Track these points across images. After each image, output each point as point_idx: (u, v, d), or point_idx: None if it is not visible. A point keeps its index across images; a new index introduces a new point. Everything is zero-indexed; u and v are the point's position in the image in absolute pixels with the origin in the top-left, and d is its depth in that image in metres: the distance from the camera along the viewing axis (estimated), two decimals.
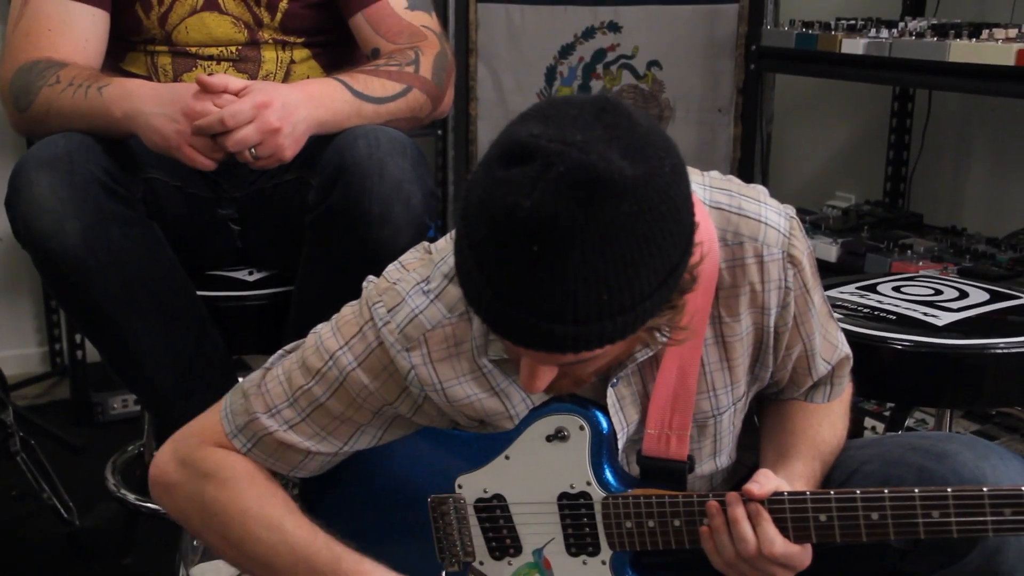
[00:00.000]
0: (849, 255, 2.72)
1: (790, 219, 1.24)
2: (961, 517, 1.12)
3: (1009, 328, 1.72)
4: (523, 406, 1.27)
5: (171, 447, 1.34)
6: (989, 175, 3.03)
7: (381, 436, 1.32)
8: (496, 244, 0.98)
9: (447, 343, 1.24)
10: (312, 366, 1.27)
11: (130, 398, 3.00)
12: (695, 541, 1.22)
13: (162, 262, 1.67)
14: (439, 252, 1.26)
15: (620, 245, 0.97)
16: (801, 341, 1.29)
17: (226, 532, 1.28)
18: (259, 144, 1.53)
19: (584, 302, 0.98)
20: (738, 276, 1.22)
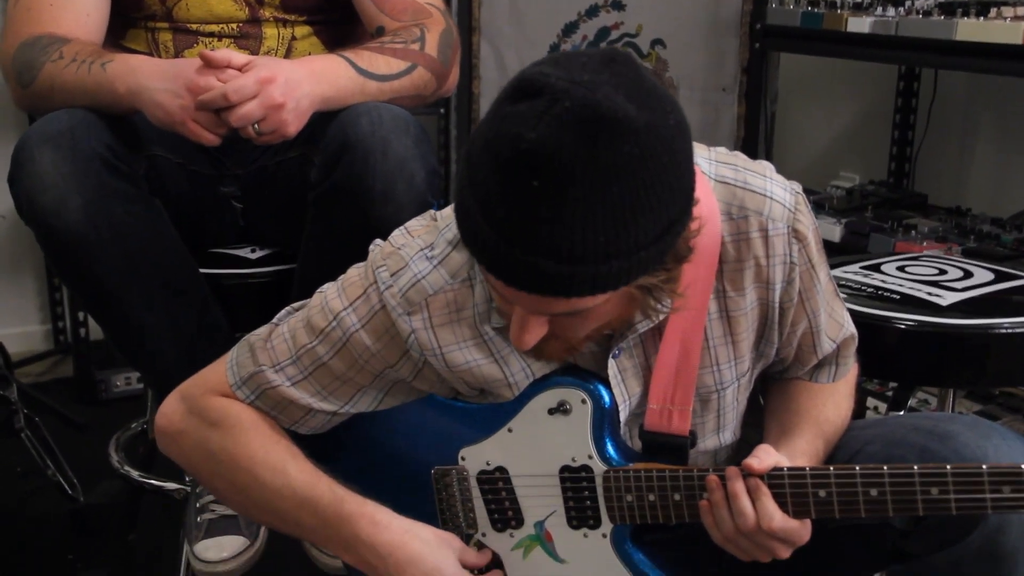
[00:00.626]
0: (853, 235, 2.71)
1: (796, 194, 1.24)
2: (960, 494, 1.12)
3: (1013, 308, 1.72)
4: (523, 375, 1.27)
5: (177, 397, 1.36)
6: (994, 155, 3.02)
7: (382, 399, 1.33)
8: (497, 179, 1.00)
9: (448, 308, 1.25)
10: (316, 325, 1.28)
11: (133, 376, 3.01)
12: (695, 515, 1.23)
13: (164, 239, 1.67)
14: (444, 219, 1.28)
15: (620, 188, 0.98)
16: (806, 318, 1.29)
17: (233, 478, 1.30)
18: (262, 120, 1.53)
19: (580, 241, 0.99)
20: (743, 250, 1.23)
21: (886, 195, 3.00)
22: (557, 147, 0.96)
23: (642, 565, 1.28)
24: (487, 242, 1.02)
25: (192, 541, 1.71)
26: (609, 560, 1.28)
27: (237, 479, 1.30)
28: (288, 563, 1.82)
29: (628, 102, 0.98)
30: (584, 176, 0.97)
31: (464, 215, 1.05)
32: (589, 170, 0.97)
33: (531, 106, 0.98)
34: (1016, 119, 2.94)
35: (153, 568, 2.21)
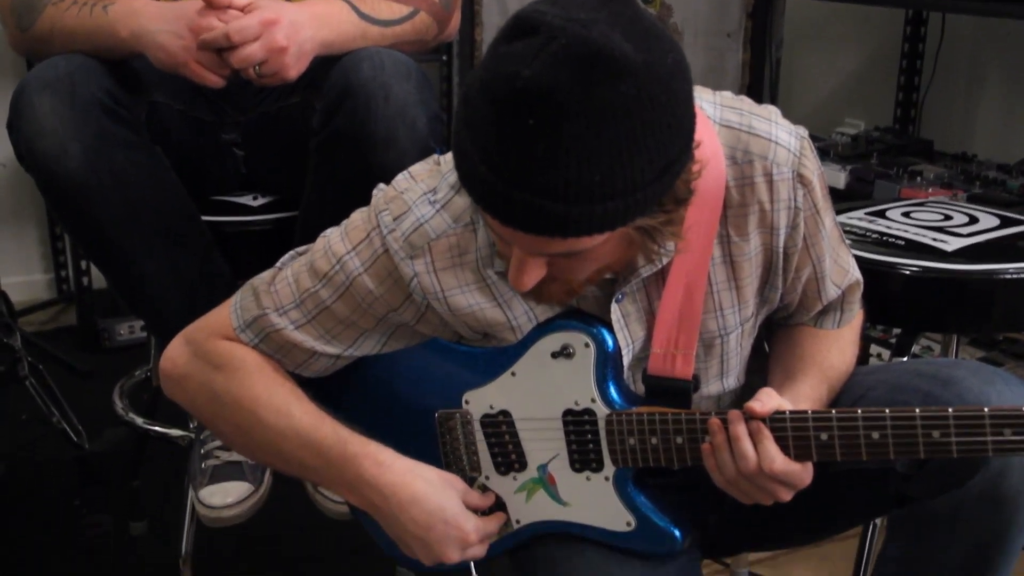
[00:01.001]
0: (858, 182, 2.70)
1: (801, 139, 1.23)
2: (961, 437, 1.12)
3: (1018, 253, 1.71)
4: (525, 318, 1.27)
5: (181, 340, 1.36)
6: (1001, 101, 3.01)
7: (385, 343, 1.33)
8: (493, 118, 0.99)
9: (451, 252, 1.25)
10: (320, 269, 1.28)
11: (137, 324, 3.02)
12: (697, 459, 1.23)
13: (166, 186, 1.66)
14: (447, 164, 1.27)
15: (616, 127, 0.98)
16: (811, 263, 1.29)
17: (237, 420, 1.31)
18: (264, 62, 1.52)
19: (576, 180, 0.98)
20: (747, 195, 1.22)
21: (892, 141, 2.98)
22: (552, 85, 0.96)
23: (644, 508, 1.28)
24: (483, 182, 1.02)
25: (197, 487, 1.72)
26: (611, 502, 1.29)
27: (241, 421, 1.31)
28: (292, 509, 1.84)
29: (625, 41, 0.97)
30: (580, 114, 0.96)
31: (461, 155, 1.05)
32: (585, 108, 0.96)
33: (527, 44, 0.98)
34: (1023, 65, 2.91)
35: (158, 514, 2.23)
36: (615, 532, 1.29)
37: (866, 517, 1.60)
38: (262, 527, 1.81)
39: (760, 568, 2.14)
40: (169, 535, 1.90)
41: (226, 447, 1.74)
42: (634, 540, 1.29)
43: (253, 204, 1.83)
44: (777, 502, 1.22)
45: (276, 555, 2.18)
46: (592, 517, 1.30)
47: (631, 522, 1.29)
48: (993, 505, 1.22)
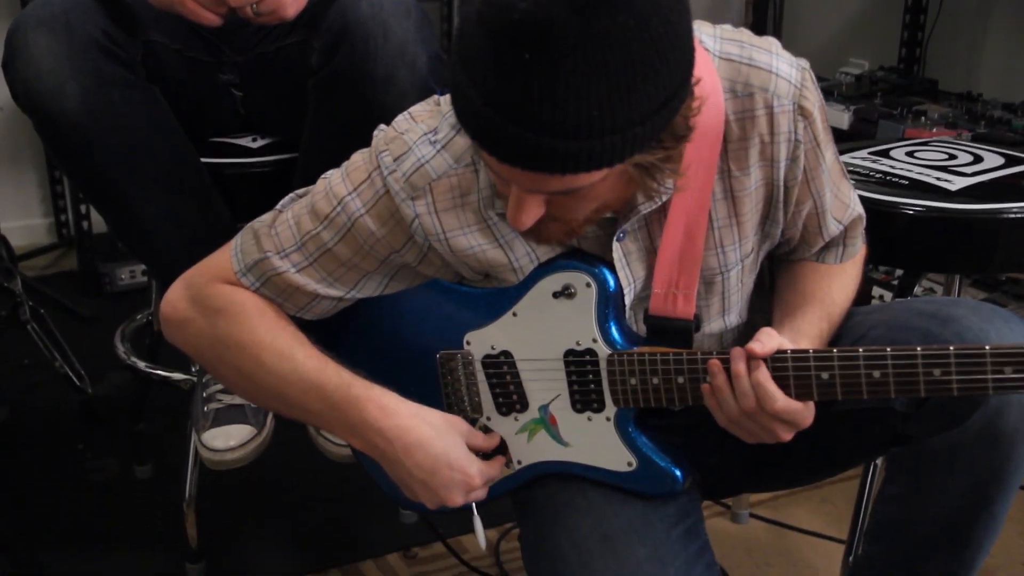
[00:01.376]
0: (862, 122, 2.69)
1: (802, 70, 1.22)
2: (962, 375, 1.12)
3: (1023, 193, 1.70)
4: (527, 259, 1.27)
5: (182, 285, 1.35)
6: (1007, 40, 2.98)
7: (387, 284, 1.32)
8: (488, 52, 0.98)
9: (452, 193, 1.24)
10: (321, 211, 1.27)
11: (138, 268, 3.02)
12: (698, 398, 1.23)
13: (164, 127, 1.65)
14: (447, 103, 1.25)
15: (614, 60, 0.96)
16: (811, 197, 1.28)
17: (239, 364, 1.30)
18: (260, 0, 1.51)
19: (574, 115, 0.97)
20: (747, 128, 1.21)
21: (896, 81, 2.97)
22: (548, 17, 0.94)
23: (645, 448, 1.29)
24: (480, 117, 1.01)
25: (199, 431, 1.72)
26: (613, 443, 1.29)
27: (243, 365, 1.30)
28: (295, 451, 1.85)
29: None
30: (576, 48, 0.95)
31: (457, 91, 1.03)
32: (582, 41, 0.95)
33: None
34: None
35: (162, 457, 2.24)
36: (616, 472, 1.30)
37: (866, 457, 1.61)
38: (265, 470, 1.82)
39: (761, 510, 2.15)
40: (174, 478, 1.91)
41: (228, 390, 1.74)
42: (635, 480, 1.29)
43: (252, 146, 1.82)
44: (778, 443, 1.22)
45: (279, 498, 2.19)
46: (593, 457, 1.31)
47: (632, 462, 1.29)
48: (991, 443, 1.22)
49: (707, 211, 1.23)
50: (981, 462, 1.24)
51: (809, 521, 2.12)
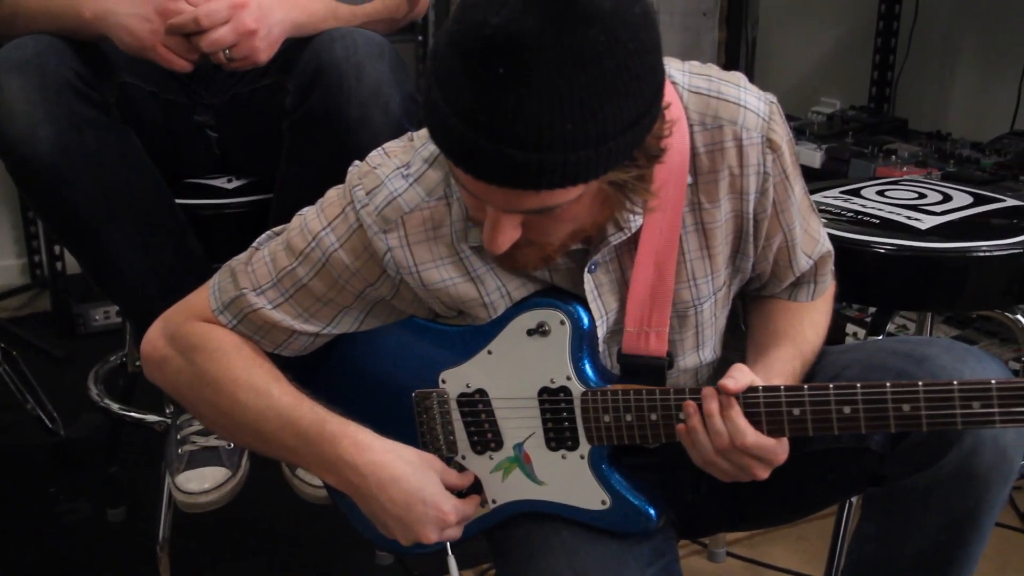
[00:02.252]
0: (833, 160, 2.71)
1: (770, 104, 1.24)
2: (931, 410, 1.13)
3: (991, 231, 1.72)
4: (498, 294, 1.27)
5: (161, 324, 1.36)
6: (975, 80, 3.02)
7: (364, 320, 1.33)
8: (462, 68, 0.99)
9: (425, 226, 1.24)
10: (296, 247, 1.28)
11: (112, 309, 3.00)
12: (672, 436, 1.24)
13: (138, 168, 1.65)
14: (420, 139, 1.27)
15: (587, 74, 0.97)
16: (781, 230, 1.29)
17: (216, 401, 1.30)
18: (234, 46, 1.52)
19: (547, 128, 0.98)
20: (717, 160, 1.22)
21: (867, 120, 2.99)
22: (521, 32, 0.95)
23: (619, 486, 1.29)
24: (454, 134, 1.01)
25: (173, 473, 1.71)
26: (587, 481, 1.29)
27: (220, 402, 1.30)
28: (270, 493, 1.83)
29: None
30: (549, 62, 0.96)
31: (431, 109, 1.03)
32: (554, 55, 0.96)
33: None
34: (997, 43, 2.93)
35: (135, 500, 2.22)
36: (590, 511, 1.30)
37: (841, 496, 1.62)
38: (240, 512, 1.80)
39: (737, 548, 2.15)
40: (147, 521, 1.89)
41: (203, 432, 1.74)
42: (609, 519, 1.29)
43: (227, 187, 1.82)
44: (754, 481, 1.22)
45: (254, 540, 2.17)
46: (567, 496, 1.30)
47: (606, 500, 1.29)
48: (966, 482, 1.23)
49: (676, 250, 1.24)
50: (956, 502, 1.25)
51: (785, 559, 2.12)
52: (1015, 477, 1.26)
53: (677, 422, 1.23)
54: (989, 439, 1.21)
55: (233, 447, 1.73)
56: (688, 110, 1.20)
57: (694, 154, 1.22)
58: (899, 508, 1.29)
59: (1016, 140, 2.66)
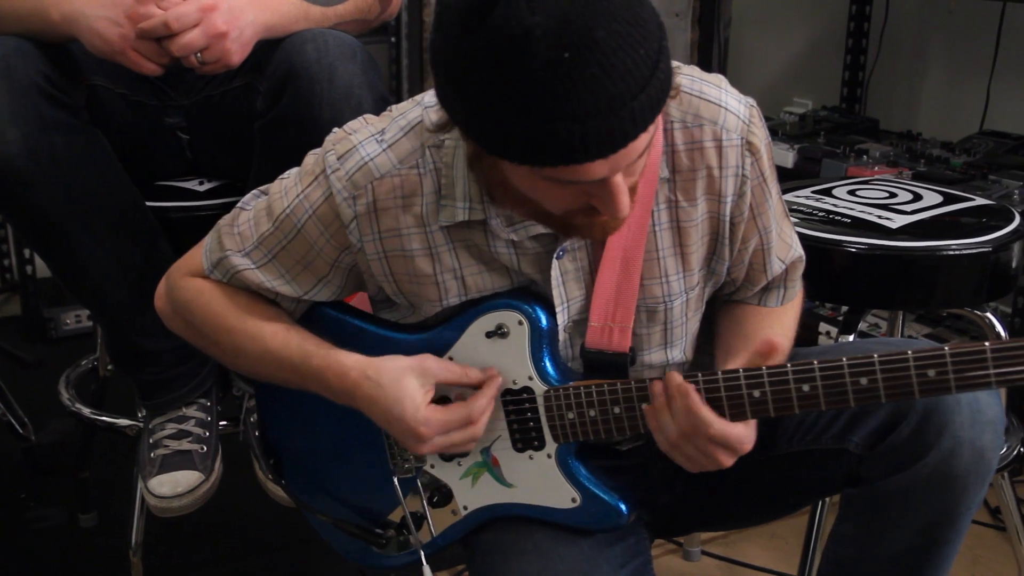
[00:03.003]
0: (806, 160, 2.73)
1: (751, 107, 1.25)
2: (888, 381, 1.14)
3: (961, 230, 1.74)
4: (451, 275, 1.27)
5: (164, 282, 1.41)
6: (944, 80, 3.05)
7: (343, 288, 1.35)
8: (533, 81, 0.98)
9: (394, 193, 1.24)
10: (275, 211, 1.30)
11: (83, 314, 2.99)
12: (635, 428, 1.24)
13: (108, 172, 1.64)
14: (399, 108, 1.28)
15: (624, 17, 1.00)
16: (757, 234, 1.30)
17: (219, 350, 1.37)
18: (205, 48, 1.52)
19: (630, 72, 1.00)
20: (696, 159, 1.23)
21: (838, 120, 3.02)
22: (560, 12, 0.97)
23: (587, 481, 1.29)
24: (561, 139, 1.00)
25: (146, 477, 1.70)
26: (555, 480, 1.29)
27: (222, 350, 1.36)
28: (243, 497, 1.84)
29: None
30: (596, 20, 0.98)
31: (518, 137, 1.02)
32: (596, 13, 0.98)
33: (505, 8, 0.98)
34: (966, 44, 2.96)
35: (107, 505, 2.21)
36: (561, 510, 1.30)
37: (819, 496, 1.62)
38: (213, 516, 1.80)
39: (712, 547, 2.16)
40: (119, 526, 1.89)
41: (175, 436, 1.73)
42: (580, 516, 1.30)
43: (199, 189, 1.82)
44: (731, 481, 1.23)
45: (227, 544, 2.17)
46: (537, 496, 1.31)
47: (576, 498, 1.29)
48: (944, 485, 1.24)
49: (643, 246, 1.24)
50: (933, 504, 1.26)
51: (759, 557, 2.13)
52: (991, 479, 1.27)
53: (640, 414, 1.23)
54: (967, 441, 1.22)
55: (206, 451, 1.73)
56: (668, 107, 1.20)
57: (673, 151, 1.23)
58: (877, 509, 1.30)
59: (985, 140, 2.70)
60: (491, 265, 1.27)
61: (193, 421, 1.76)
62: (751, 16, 3.45)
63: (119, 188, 1.66)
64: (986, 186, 2.39)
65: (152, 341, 1.73)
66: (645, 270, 1.27)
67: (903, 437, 1.24)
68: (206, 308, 1.34)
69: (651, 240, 1.26)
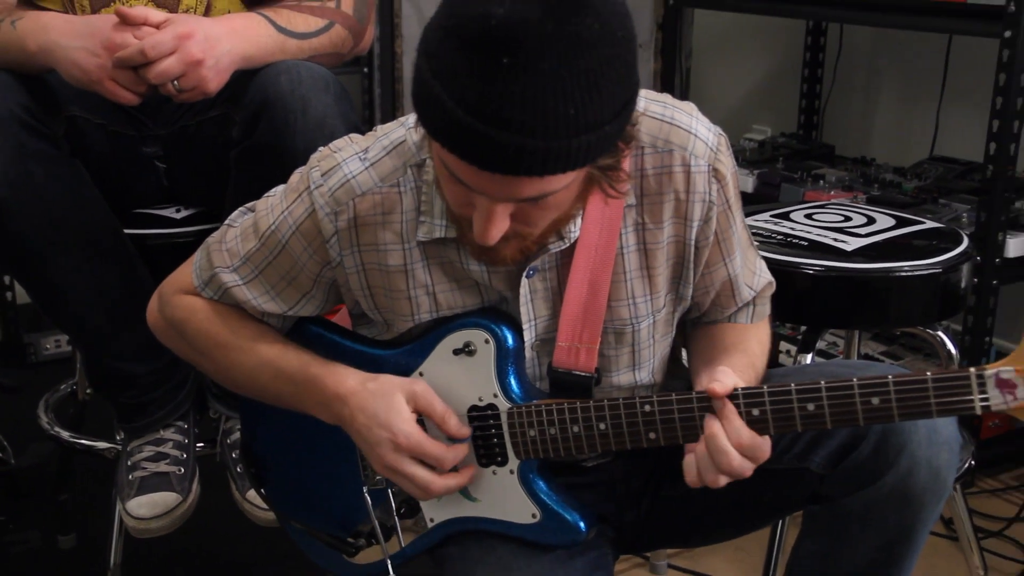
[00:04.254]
0: (765, 185, 2.77)
1: (719, 136, 1.27)
2: (834, 407, 1.16)
3: (913, 252, 1.78)
4: (423, 291, 1.29)
5: (156, 297, 1.43)
6: (896, 108, 3.10)
7: (327, 303, 1.37)
8: (466, 61, 1.00)
9: (375, 210, 1.27)
10: (261, 228, 1.32)
11: (63, 338, 2.98)
12: (594, 447, 1.26)
13: (87, 200, 1.66)
14: (384, 128, 1.30)
15: (586, 60, 1.00)
16: (722, 259, 1.32)
17: (213, 365, 1.39)
18: (182, 76, 1.53)
19: (552, 115, 1.00)
20: (664, 183, 1.25)
21: (796, 147, 3.06)
22: (525, 22, 0.97)
23: (547, 498, 1.31)
24: (460, 126, 1.02)
25: (124, 499, 1.71)
26: (517, 496, 1.31)
27: (217, 366, 1.38)
28: (221, 518, 1.86)
29: None
30: (553, 49, 0.98)
31: (431, 105, 1.04)
32: (557, 43, 0.98)
33: None
34: (916, 72, 3.01)
35: (86, 527, 2.21)
36: (521, 525, 1.31)
37: (782, 514, 1.63)
38: (191, 537, 1.82)
39: (679, 560, 2.19)
40: (98, 548, 1.89)
41: (153, 458, 1.75)
42: (539, 532, 1.31)
43: (176, 216, 1.84)
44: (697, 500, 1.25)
45: (205, 564, 2.18)
46: (500, 511, 1.32)
47: (536, 514, 1.31)
48: (902, 502, 1.26)
49: (611, 267, 1.26)
50: (892, 521, 1.28)
51: (725, 570, 2.16)
52: (947, 496, 1.29)
53: (599, 434, 1.25)
54: (924, 461, 1.25)
55: (183, 472, 1.75)
56: (640, 132, 1.22)
57: (642, 175, 1.25)
58: (837, 526, 1.32)
59: (935, 165, 2.75)
60: (463, 283, 1.29)
61: (171, 443, 1.78)
62: (712, 47, 3.48)
63: (98, 216, 1.68)
64: (936, 209, 2.44)
65: (129, 365, 1.75)
66: (612, 292, 1.28)
67: (863, 457, 1.26)
68: (199, 326, 1.36)
69: (619, 262, 1.27)
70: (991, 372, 1.12)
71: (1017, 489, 2.44)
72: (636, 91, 1.08)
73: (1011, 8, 2.19)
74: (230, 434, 1.83)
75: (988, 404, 1.13)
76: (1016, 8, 2.18)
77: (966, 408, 1.13)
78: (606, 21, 1.02)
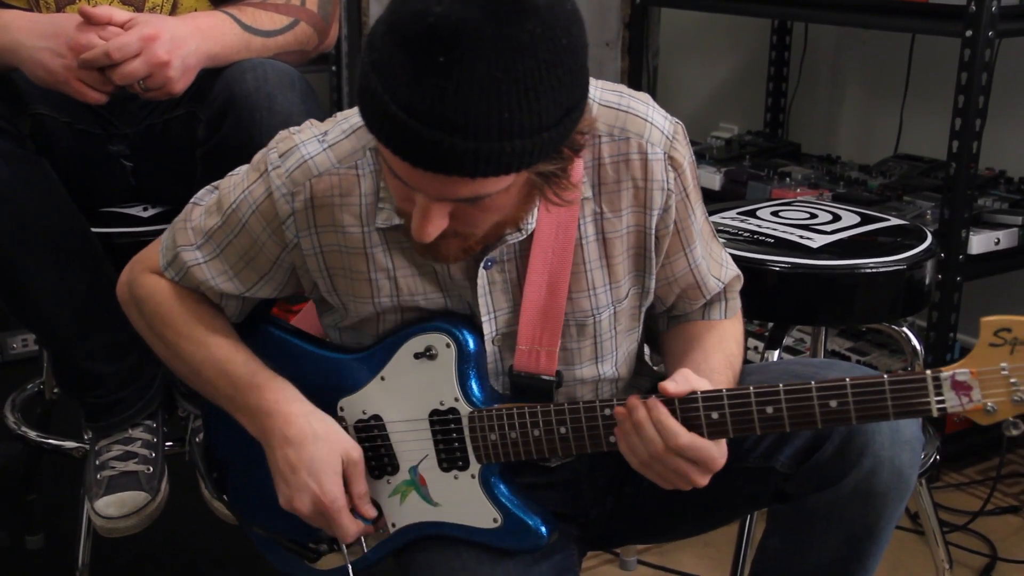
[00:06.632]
0: (732, 183, 2.79)
1: (675, 124, 1.28)
2: (793, 410, 1.18)
3: (878, 249, 1.80)
4: (384, 275, 1.29)
5: (127, 271, 1.44)
6: (861, 105, 3.13)
7: (284, 286, 1.36)
8: (402, 56, 1.00)
9: (332, 192, 1.27)
10: (223, 206, 1.33)
11: (30, 337, 2.96)
12: (554, 450, 1.27)
13: (53, 199, 1.65)
14: (344, 113, 1.30)
15: (524, 65, 1.00)
16: (682, 249, 1.33)
17: (165, 350, 1.40)
18: (148, 77, 1.53)
19: (485, 117, 1.00)
20: (621, 171, 1.26)
21: (763, 145, 3.08)
22: (463, 21, 0.98)
23: (508, 502, 1.31)
24: (393, 121, 1.02)
25: (92, 498, 1.70)
26: (478, 500, 1.31)
27: (168, 350, 1.39)
28: (189, 517, 1.84)
29: None
30: (490, 51, 0.98)
31: (368, 97, 1.04)
32: (495, 45, 0.98)
33: None
34: (881, 71, 3.04)
35: (54, 527, 2.21)
36: (483, 529, 1.32)
37: (747, 511, 1.67)
38: (160, 536, 1.81)
39: (648, 556, 2.21)
40: (66, 548, 1.88)
41: (121, 457, 1.74)
42: (501, 537, 1.31)
43: (143, 215, 1.83)
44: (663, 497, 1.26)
45: (175, 563, 2.18)
46: (461, 516, 1.32)
47: (497, 518, 1.31)
48: (865, 501, 1.28)
49: (569, 267, 1.27)
50: (856, 519, 1.29)
51: (694, 565, 2.18)
52: (910, 495, 1.31)
53: (559, 437, 1.26)
54: (887, 460, 1.26)
55: (152, 471, 1.74)
56: (597, 122, 1.23)
57: (599, 164, 1.25)
58: (802, 524, 1.34)
59: (899, 163, 2.78)
60: (423, 268, 1.29)
61: (139, 443, 1.77)
62: (679, 45, 3.50)
63: (65, 215, 1.67)
64: (901, 207, 2.46)
65: (97, 365, 1.74)
66: (573, 283, 1.28)
67: (827, 456, 1.28)
68: (157, 309, 1.38)
69: (578, 253, 1.27)
70: (947, 375, 1.13)
71: (982, 483, 2.47)
72: (582, 99, 1.08)
73: (972, 8, 2.21)
74: (199, 433, 1.82)
75: (944, 407, 1.14)
76: (976, 8, 2.21)
77: (923, 411, 1.15)
78: (550, 27, 1.01)
